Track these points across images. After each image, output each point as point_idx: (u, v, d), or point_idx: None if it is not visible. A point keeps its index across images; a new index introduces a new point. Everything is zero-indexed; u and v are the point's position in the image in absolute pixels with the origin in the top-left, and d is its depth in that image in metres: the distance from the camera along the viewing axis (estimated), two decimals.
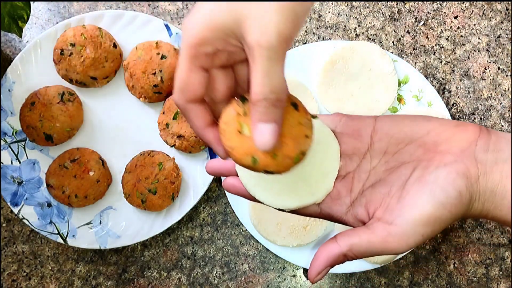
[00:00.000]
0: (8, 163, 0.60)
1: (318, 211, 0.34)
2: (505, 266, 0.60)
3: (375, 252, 0.31)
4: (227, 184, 0.36)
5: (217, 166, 0.37)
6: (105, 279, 0.61)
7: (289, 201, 0.34)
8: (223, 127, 0.31)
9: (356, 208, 0.33)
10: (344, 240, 0.31)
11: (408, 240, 0.30)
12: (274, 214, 0.58)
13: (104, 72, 0.59)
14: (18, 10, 0.54)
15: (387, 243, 0.30)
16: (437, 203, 0.29)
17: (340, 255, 0.31)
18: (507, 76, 0.62)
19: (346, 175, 0.34)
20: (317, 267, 0.31)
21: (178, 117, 0.57)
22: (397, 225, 0.30)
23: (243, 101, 0.32)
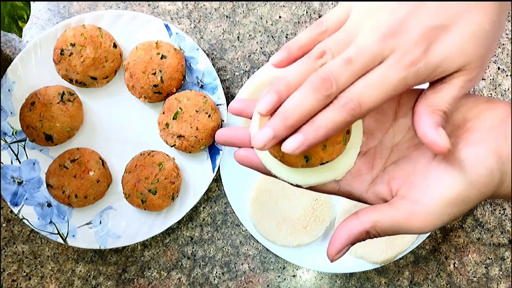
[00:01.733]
0: (8, 163, 0.60)
1: (336, 188, 0.33)
2: (505, 266, 0.60)
3: (398, 230, 0.29)
4: (240, 156, 0.33)
5: (229, 135, 0.34)
6: (105, 279, 0.61)
7: (307, 177, 0.32)
8: None
9: (378, 186, 0.32)
10: (366, 216, 0.30)
11: (434, 219, 0.28)
12: (274, 214, 0.58)
13: (104, 72, 0.59)
14: (18, 10, 0.54)
15: (412, 221, 0.28)
16: (466, 182, 0.28)
17: (363, 232, 0.29)
18: (507, 76, 0.62)
19: (367, 151, 0.33)
20: (337, 245, 0.30)
21: (178, 117, 0.57)
22: (423, 203, 0.28)
23: None
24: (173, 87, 0.59)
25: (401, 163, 0.31)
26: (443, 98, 0.29)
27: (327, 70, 0.28)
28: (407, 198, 0.29)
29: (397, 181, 0.31)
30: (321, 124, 0.28)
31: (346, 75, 0.28)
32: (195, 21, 0.64)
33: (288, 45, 0.31)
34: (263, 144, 0.28)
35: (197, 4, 0.64)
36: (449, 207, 0.28)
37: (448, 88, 0.29)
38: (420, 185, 0.29)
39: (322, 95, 0.27)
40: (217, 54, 0.63)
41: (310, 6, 0.63)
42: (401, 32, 0.28)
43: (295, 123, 0.28)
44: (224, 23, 0.64)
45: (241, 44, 0.63)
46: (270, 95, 0.28)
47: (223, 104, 0.59)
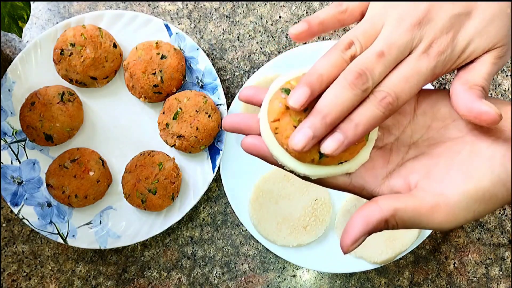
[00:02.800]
0: (8, 163, 0.60)
1: (348, 182, 0.31)
2: (505, 266, 0.60)
3: (419, 223, 0.27)
4: (247, 144, 0.32)
5: (236, 121, 0.32)
6: (105, 279, 0.61)
7: (317, 168, 0.30)
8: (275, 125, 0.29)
9: (394, 179, 0.30)
10: (386, 203, 0.27)
11: (458, 215, 0.27)
12: (274, 214, 0.58)
13: (104, 72, 0.59)
14: (18, 10, 0.54)
15: (435, 214, 0.27)
16: (496, 178, 0.27)
17: (382, 220, 0.27)
18: (507, 76, 0.62)
19: (383, 146, 0.31)
20: (353, 234, 0.27)
21: (178, 117, 0.57)
22: (448, 196, 0.27)
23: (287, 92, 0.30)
24: (173, 87, 0.59)
25: (420, 158, 0.30)
26: (477, 74, 0.28)
27: (361, 64, 0.27)
28: (429, 190, 0.28)
29: (416, 175, 0.29)
30: (359, 121, 0.27)
31: (380, 69, 0.27)
32: (195, 21, 0.64)
33: (308, 19, 0.30)
34: (303, 145, 0.27)
35: (197, 4, 0.64)
36: (475, 203, 0.27)
37: (480, 66, 0.28)
38: (443, 178, 0.28)
39: (359, 90, 0.27)
40: (217, 54, 0.63)
41: (310, 6, 0.63)
42: (427, 22, 0.28)
43: (334, 121, 0.27)
44: (224, 23, 0.64)
45: (241, 44, 0.63)
46: (303, 88, 0.27)
47: (223, 104, 0.59)
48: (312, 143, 0.27)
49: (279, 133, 0.29)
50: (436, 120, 0.30)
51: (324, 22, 0.31)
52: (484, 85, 0.28)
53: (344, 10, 0.30)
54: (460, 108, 0.28)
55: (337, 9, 0.31)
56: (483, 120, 0.27)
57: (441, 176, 0.28)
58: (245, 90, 0.33)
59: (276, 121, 0.29)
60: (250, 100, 0.33)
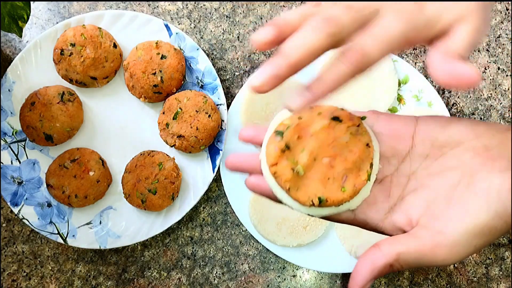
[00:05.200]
0: (8, 163, 0.60)
1: (351, 217, 0.31)
2: (505, 266, 0.60)
3: (423, 263, 0.28)
4: (251, 183, 0.33)
5: (239, 162, 0.33)
6: (105, 279, 0.61)
7: (320, 209, 0.31)
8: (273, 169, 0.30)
9: (396, 215, 0.30)
10: (389, 248, 0.28)
11: (459, 251, 0.27)
12: (274, 214, 0.58)
13: (104, 72, 0.59)
14: (18, 10, 0.54)
15: (437, 253, 0.27)
16: (492, 212, 0.27)
17: (386, 266, 0.28)
18: (507, 76, 0.62)
19: (383, 178, 0.31)
20: (361, 281, 0.28)
21: (178, 117, 0.57)
22: (447, 234, 0.27)
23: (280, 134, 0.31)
24: (173, 87, 0.59)
25: (420, 192, 0.30)
26: (454, 42, 0.27)
27: (327, 13, 0.27)
28: (429, 228, 0.28)
29: (417, 210, 0.29)
30: (326, 76, 0.27)
31: (347, 18, 0.27)
32: (195, 21, 0.64)
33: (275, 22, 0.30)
34: (261, 83, 0.26)
35: (197, 4, 0.64)
36: (475, 238, 0.27)
37: (456, 34, 0.28)
38: (443, 214, 0.28)
39: (325, 33, 0.26)
40: (217, 54, 0.63)
41: None
42: None
43: (297, 61, 0.26)
44: (224, 23, 0.64)
45: (241, 44, 0.63)
46: (268, 27, 0.27)
47: (223, 104, 0.59)
48: (273, 82, 0.26)
49: (278, 177, 0.30)
50: (435, 148, 0.30)
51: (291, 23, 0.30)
52: (462, 52, 0.27)
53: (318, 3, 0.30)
54: (439, 73, 0.27)
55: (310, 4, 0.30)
56: (464, 82, 0.26)
57: (440, 213, 0.28)
58: (245, 131, 0.33)
59: (274, 166, 0.30)
60: (251, 141, 0.33)
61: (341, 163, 0.30)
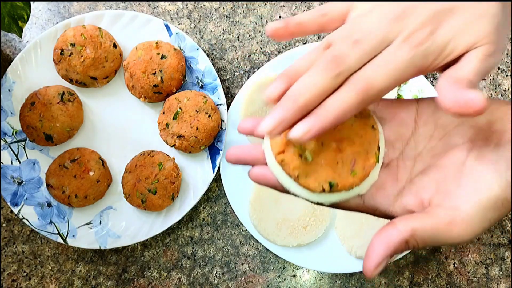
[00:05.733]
0: (8, 163, 0.60)
1: (361, 203, 0.31)
2: (505, 266, 0.60)
3: (439, 239, 0.27)
4: (255, 174, 0.32)
5: (241, 154, 0.32)
6: (105, 279, 0.61)
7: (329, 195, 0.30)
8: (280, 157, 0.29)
9: (406, 198, 0.30)
10: (404, 224, 0.27)
11: (475, 226, 0.27)
12: (274, 214, 0.58)
13: (104, 72, 0.59)
14: (18, 10, 0.54)
15: (453, 229, 0.27)
16: (504, 183, 0.26)
17: (402, 242, 0.27)
18: (507, 76, 0.62)
19: (389, 162, 0.31)
20: (376, 259, 0.27)
21: (178, 117, 0.57)
22: (462, 209, 0.27)
23: None
24: (173, 87, 0.59)
25: (429, 172, 0.30)
26: (464, 69, 0.27)
27: (335, 51, 0.27)
28: (443, 206, 0.28)
29: (427, 191, 0.29)
30: (331, 106, 0.26)
31: (354, 55, 0.27)
32: (195, 21, 0.64)
33: (287, 18, 0.30)
34: (271, 127, 0.26)
35: (197, 4, 0.64)
36: (489, 212, 0.27)
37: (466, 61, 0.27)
38: (455, 192, 0.28)
39: (332, 73, 0.26)
40: (217, 54, 0.63)
41: (310, 6, 0.63)
42: (407, 16, 0.27)
43: (305, 104, 0.26)
44: (224, 23, 0.64)
45: (241, 44, 0.63)
46: (279, 79, 0.27)
47: (223, 104, 0.59)
48: (282, 127, 0.26)
49: (286, 165, 0.29)
50: (438, 128, 0.30)
51: (302, 24, 0.30)
52: (471, 79, 0.27)
53: (324, 13, 0.30)
54: (446, 100, 0.26)
55: (318, 13, 0.31)
56: (470, 109, 0.25)
57: (452, 190, 0.28)
58: (244, 123, 0.33)
59: (281, 154, 0.30)
60: (250, 134, 0.33)
61: (349, 147, 0.30)
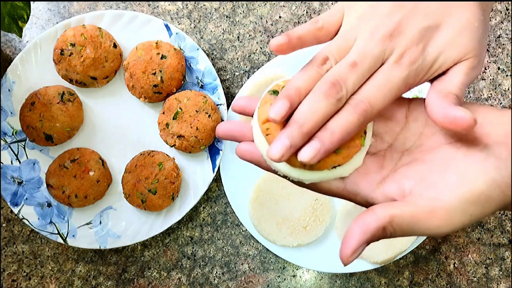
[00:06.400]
0: (8, 163, 0.60)
1: (342, 187, 0.31)
2: (505, 266, 0.60)
3: (417, 229, 0.27)
4: (241, 150, 0.32)
5: (230, 129, 0.33)
6: (105, 279, 0.61)
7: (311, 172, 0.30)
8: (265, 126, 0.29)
9: (388, 185, 0.29)
10: (383, 210, 0.27)
11: (455, 219, 0.26)
12: (274, 214, 0.58)
13: (104, 72, 0.59)
14: (18, 10, 0.54)
15: (432, 218, 0.26)
16: (490, 180, 0.26)
17: (380, 228, 0.27)
18: (507, 76, 0.62)
19: (376, 152, 0.31)
20: (352, 244, 0.26)
21: (178, 117, 0.57)
22: (443, 200, 0.27)
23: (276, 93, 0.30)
24: (173, 87, 0.59)
25: (414, 165, 0.30)
26: (451, 84, 0.29)
27: (335, 75, 0.28)
28: (424, 196, 0.28)
29: (410, 181, 0.29)
30: (335, 128, 0.28)
31: (353, 78, 0.28)
32: (195, 21, 0.64)
33: (288, 32, 0.32)
34: (281, 155, 0.27)
35: (197, 4, 0.64)
36: (471, 206, 0.27)
37: (453, 76, 0.29)
38: (438, 182, 0.28)
39: (333, 99, 0.28)
40: (217, 54, 0.63)
41: (310, 6, 0.63)
42: (398, 34, 0.29)
43: (310, 129, 0.28)
44: (224, 23, 0.64)
45: (241, 44, 0.63)
46: (282, 101, 0.28)
47: (223, 104, 0.59)
48: (290, 152, 0.27)
49: (270, 134, 0.29)
50: (428, 126, 0.31)
51: (302, 37, 0.32)
52: (458, 94, 0.29)
53: (320, 27, 0.32)
54: (435, 115, 0.28)
55: (314, 26, 0.32)
56: (458, 125, 0.27)
57: (435, 181, 0.28)
58: (238, 101, 0.34)
59: (266, 122, 0.30)
60: (243, 110, 0.34)
61: None
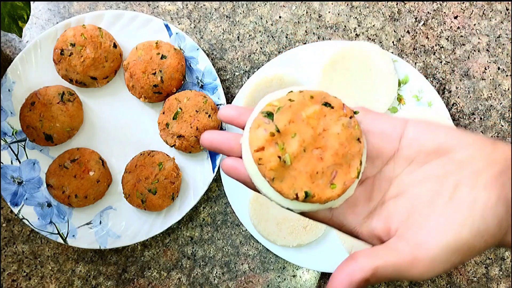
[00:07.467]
0: (8, 163, 0.60)
1: (328, 216, 0.30)
2: (505, 266, 0.60)
3: (400, 276, 0.27)
4: (228, 166, 0.30)
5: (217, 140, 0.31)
6: (105, 279, 0.61)
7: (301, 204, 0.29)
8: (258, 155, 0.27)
9: (374, 221, 0.29)
10: (366, 262, 0.27)
11: (437, 266, 0.26)
12: (274, 214, 0.58)
13: (104, 72, 0.59)
14: (18, 10, 0.54)
15: (414, 267, 0.26)
16: (475, 230, 0.26)
17: (364, 280, 0.27)
18: (507, 76, 0.62)
19: (365, 179, 0.30)
20: None
21: (178, 117, 0.57)
22: (426, 248, 0.26)
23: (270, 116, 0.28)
24: (173, 87, 0.59)
25: (401, 199, 0.29)
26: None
27: None
28: (408, 240, 0.27)
29: (396, 219, 0.28)
30: None
31: None
32: (195, 21, 0.64)
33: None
34: None
35: (197, 4, 0.64)
36: (454, 254, 0.26)
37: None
38: (422, 227, 0.27)
39: None
40: (217, 54, 0.63)
41: (310, 6, 0.63)
42: None
43: None
44: (224, 23, 0.64)
45: (241, 44, 0.63)
46: None
47: (223, 104, 0.59)
48: None
49: (263, 165, 0.27)
50: (421, 154, 0.29)
51: None
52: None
53: None
54: None
55: None
56: None
57: (420, 224, 0.27)
58: (226, 110, 0.31)
59: (259, 151, 0.27)
60: (231, 122, 0.31)
61: (331, 157, 0.28)
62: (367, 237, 0.29)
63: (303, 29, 0.63)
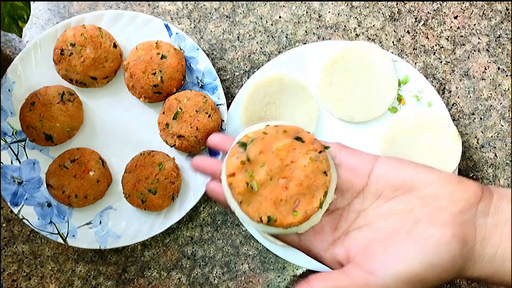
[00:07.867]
0: (8, 163, 0.60)
1: (297, 241, 0.33)
2: None
3: None
4: (210, 188, 0.35)
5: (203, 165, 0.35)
6: (105, 279, 0.61)
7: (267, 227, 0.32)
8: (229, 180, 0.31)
9: (337, 248, 0.31)
10: (318, 285, 0.29)
11: None
12: None
13: (104, 72, 0.59)
14: (18, 10, 0.54)
15: None
16: (426, 263, 0.27)
17: None
18: (507, 76, 0.62)
19: (334, 210, 0.32)
20: None
21: (178, 117, 0.57)
22: (378, 276, 0.28)
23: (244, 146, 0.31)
24: (173, 87, 0.59)
25: (364, 230, 0.31)
26: None
27: None
28: (362, 267, 0.29)
29: (356, 247, 0.30)
30: None
31: None
32: (195, 21, 0.64)
33: None
34: None
35: (197, 4, 0.64)
36: (404, 285, 0.27)
37: None
38: (378, 256, 0.29)
39: None
40: (217, 54, 0.63)
41: (310, 6, 0.63)
42: None
43: None
44: (224, 23, 0.64)
45: (241, 44, 0.63)
46: None
47: (223, 104, 0.59)
48: None
49: (233, 189, 0.31)
50: (388, 189, 0.31)
51: None
52: None
53: None
54: None
55: None
56: None
57: (377, 254, 0.29)
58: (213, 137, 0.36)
59: (231, 176, 0.31)
60: (216, 148, 0.36)
61: (296, 187, 0.30)
62: (330, 262, 0.31)
63: (303, 29, 0.63)
